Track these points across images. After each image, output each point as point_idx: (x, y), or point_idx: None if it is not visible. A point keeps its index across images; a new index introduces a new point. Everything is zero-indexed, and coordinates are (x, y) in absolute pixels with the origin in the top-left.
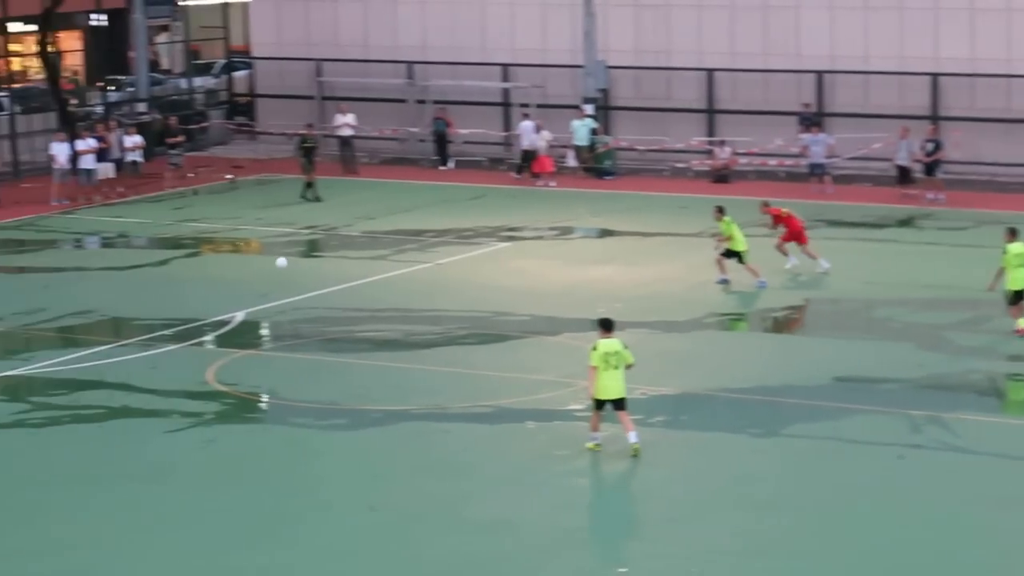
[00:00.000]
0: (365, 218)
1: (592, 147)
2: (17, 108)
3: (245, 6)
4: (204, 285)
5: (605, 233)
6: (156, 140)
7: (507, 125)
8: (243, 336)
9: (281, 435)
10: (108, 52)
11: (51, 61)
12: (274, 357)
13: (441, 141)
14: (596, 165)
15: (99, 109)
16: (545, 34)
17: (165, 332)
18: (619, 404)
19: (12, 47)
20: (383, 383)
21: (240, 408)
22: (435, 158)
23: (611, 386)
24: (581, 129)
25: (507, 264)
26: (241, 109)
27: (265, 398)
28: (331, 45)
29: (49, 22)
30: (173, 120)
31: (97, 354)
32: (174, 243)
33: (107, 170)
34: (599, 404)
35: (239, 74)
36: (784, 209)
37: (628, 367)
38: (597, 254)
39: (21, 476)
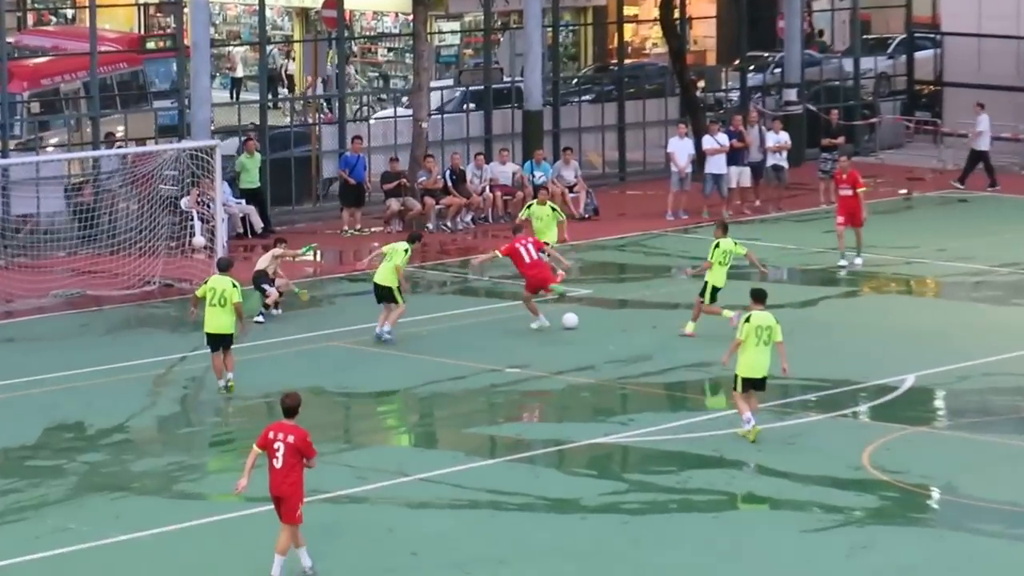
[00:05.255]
0: None
1: None
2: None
3: None
4: (864, 336)
5: None
6: (808, 139)
7: None
8: (913, 408)
9: (958, 545)
10: (750, 21)
11: (675, 31)
12: (953, 437)
13: None
14: None
15: (735, 96)
16: None
17: (807, 397)
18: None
19: (628, 10)
20: None
21: (904, 505)
22: None
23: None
24: None
25: None
26: (923, 102)
27: (938, 493)
28: None
29: None
30: (834, 115)
31: (714, 421)
32: (825, 278)
33: (742, 176)
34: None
35: (922, 54)
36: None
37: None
38: None
39: None
